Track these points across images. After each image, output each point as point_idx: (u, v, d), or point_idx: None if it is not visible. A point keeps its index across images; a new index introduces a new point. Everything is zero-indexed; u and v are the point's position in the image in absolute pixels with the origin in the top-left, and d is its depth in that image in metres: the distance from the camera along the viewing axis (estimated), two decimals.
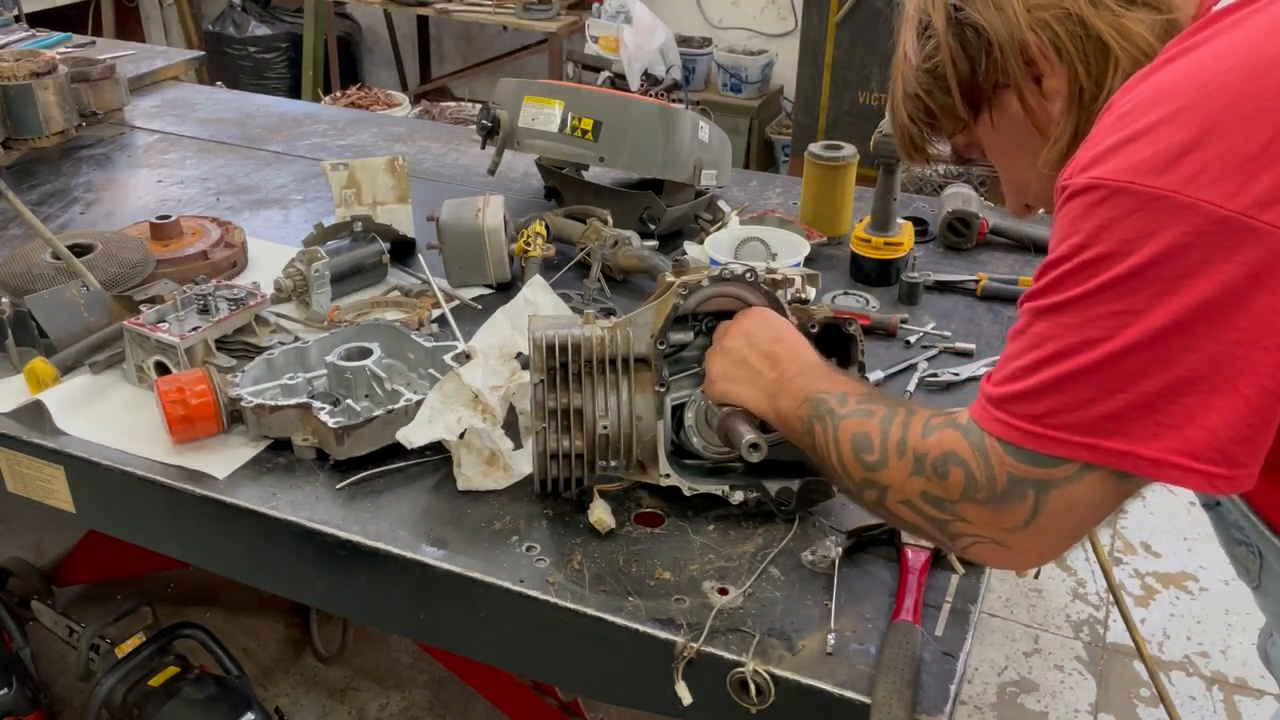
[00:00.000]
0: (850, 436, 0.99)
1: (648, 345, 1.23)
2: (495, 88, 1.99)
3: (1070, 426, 0.82)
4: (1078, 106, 0.95)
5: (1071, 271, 0.82)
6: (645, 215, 1.94)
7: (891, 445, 0.95)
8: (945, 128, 1.06)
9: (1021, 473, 0.85)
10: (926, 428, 0.93)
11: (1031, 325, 0.85)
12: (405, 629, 1.42)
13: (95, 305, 1.60)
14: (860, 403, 1.01)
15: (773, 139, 4.62)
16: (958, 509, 0.90)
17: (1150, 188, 0.77)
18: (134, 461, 1.38)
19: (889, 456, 0.95)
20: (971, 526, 0.90)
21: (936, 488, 0.91)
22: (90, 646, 2.05)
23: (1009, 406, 0.86)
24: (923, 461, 0.92)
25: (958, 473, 0.89)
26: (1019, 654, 2.60)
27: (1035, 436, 0.84)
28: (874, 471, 0.96)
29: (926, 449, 0.92)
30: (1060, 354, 0.82)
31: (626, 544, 1.25)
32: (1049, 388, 0.83)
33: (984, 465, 0.87)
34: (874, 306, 1.75)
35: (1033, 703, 2.47)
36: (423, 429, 1.29)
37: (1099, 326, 0.80)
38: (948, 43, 0.99)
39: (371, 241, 1.82)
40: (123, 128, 2.56)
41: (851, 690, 1.05)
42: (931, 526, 0.93)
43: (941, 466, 0.90)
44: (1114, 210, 0.79)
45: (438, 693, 2.43)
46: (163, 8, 5.75)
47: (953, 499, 0.90)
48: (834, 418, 1.02)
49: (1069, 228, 0.82)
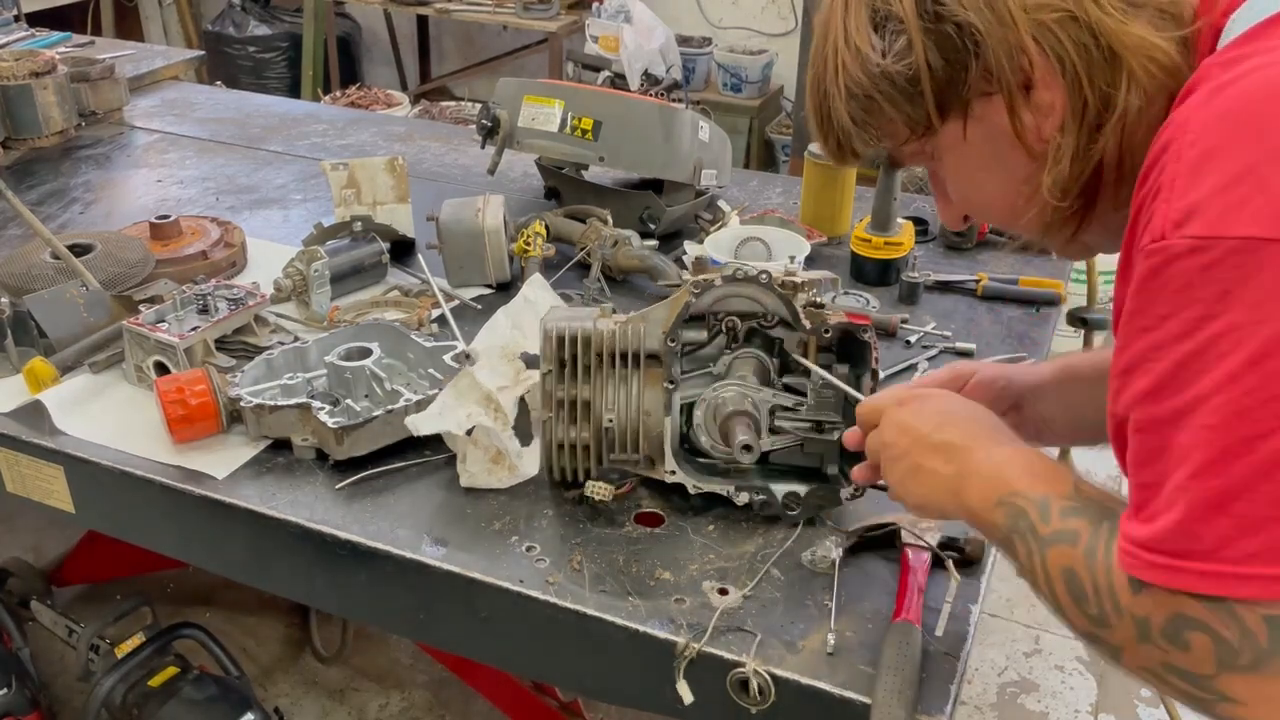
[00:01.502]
0: (1061, 574, 0.82)
1: (659, 341, 1.24)
2: (495, 87, 1.99)
3: (1258, 556, 0.68)
4: (1078, 125, 0.83)
5: (1194, 354, 0.69)
6: (645, 215, 1.94)
7: (1106, 600, 0.77)
8: (896, 134, 0.92)
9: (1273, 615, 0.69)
10: (1134, 583, 0.75)
11: (1160, 436, 0.71)
12: (405, 629, 1.42)
13: (95, 305, 1.60)
14: (1063, 515, 0.84)
15: (773, 139, 4.62)
16: (1217, 684, 0.72)
17: (1274, 240, 0.66)
18: (133, 461, 1.38)
19: (1107, 613, 0.77)
20: (1245, 707, 0.71)
21: (1180, 660, 0.73)
22: (90, 647, 2.05)
23: (1166, 544, 0.71)
24: (1147, 626, 0.74)
25: (1200, 640, 0.71)
26: (1019, 654, 2.60)
27: (1255, 581, 0.68)
28: (1099, 628, 0.79)
29: (1145, 612, 0.74)
30: (1214, 461, 0.68)
31: (626, 544, 1.25)
32: (1214, 507, 0.69)
33: (1230, 621, 0.70)
34: (874, 306, 1.75)
35: (1033, 703, 2.47)
36: (432, 419, 1.29)
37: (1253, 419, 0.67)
38: (922, 41, 0.85)
39: (371, 241, 1.81)
40: (122, 127, 2.56)
41: (852, 690, 1.04)
42: (1190, 703, 0.75)
43: (1174, 635, 0.72)
44: (1234, 271, 0.67)
45: (438, 693, 2.43)
46: (162, 7, 5.75)
47: (1207, 673, 0.72)
48: (1038, 541, 0.84)
49: (1174, 300, 0.70)
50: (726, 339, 1.27)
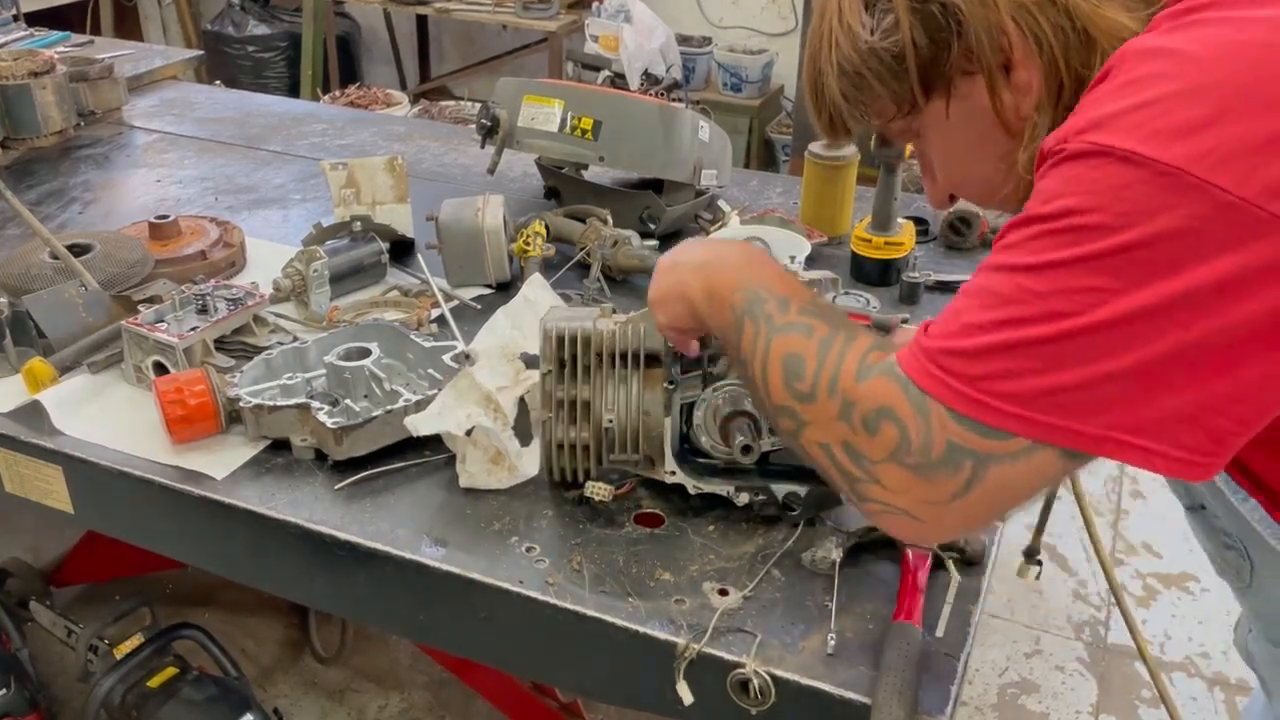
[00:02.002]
0: (783, 356, 0.91)
1: (659, 341, 1.23)
2: (495, 87, 1.99)
3: (1018, 398, 0.77)
4: (1053, 105, 0.88)
5: (1053, 232, 0.76)
6: (645, 215, 1.94)
7: (824, 379, 0.87)
8: (884, 110, 0.96)
9: (965, 442, 0.79)
10: (861, 368, 0.86)
11: (991, 282, 0.80)
12: (405, 629, 1.42)
13: (93, 305, 1.59)
14: (801, 313, 0.94)
15: (773, 139, 4.62)
16: (877, 470, 0.83)
17: (1159, 161, 0.72)
18: (132, 462, 1.38)
19: (819, 392, 0.88)
20: (887, 493, 0.83)
21: (862, 442, 0.84)
22: (89, 647, 2.05)
23: (948, 363, 0.80)
24: (852, 410, 0.85)
25: (890, 431, 0.82)
26: (1020, 655, 2.60)
27: (983, 406, 0.78)
28: (799, 401, 0.89)
29: (859, 397, 0.85)
30: (1020, 319, 0.77)
31: (626, 544, 1.25)
32: (1000, 351, 0.78)
33: (923, 429, 0.81)
34: (875, 306, 1.75)
35: (1034, 704, 2.47)
36: (431, 419, 1.29)
37: (1070, 299, 0.75)
38: (909, 19, 0.89)
39: (370, 241, 1.81)
40: (121, 127, 2.56)
41: (852, 691, 1.04)
42: (841, 479, 0.87)
43: (873, 421, 0.83)
44: (1118, 178, 0.74)
45: (437, 693, 2.43)
46: (161, 7, 5.75)
47: (876, 458, 0.83)
48: (770, 325, 0.94)
49: (1061, 188, 0.76)
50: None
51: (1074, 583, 2.81)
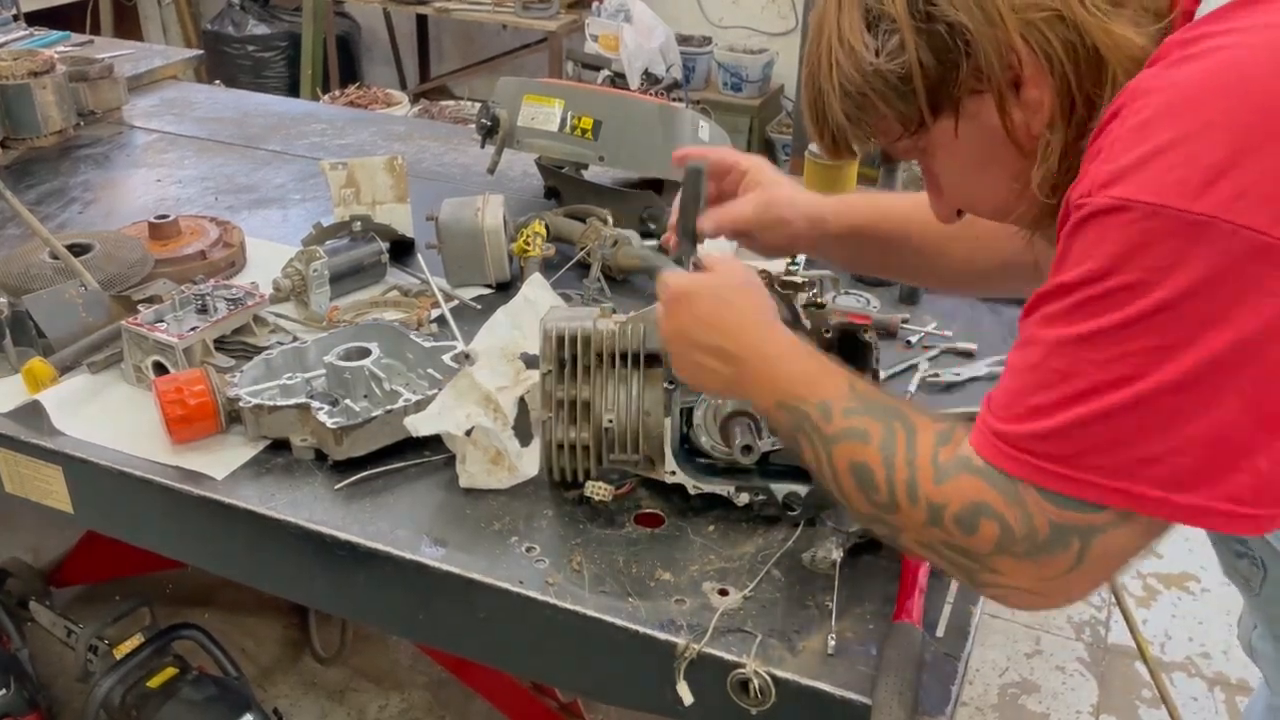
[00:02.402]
0: (850, 468, 0.91)
1: (659, 342, 1.23)
2: (495, 87, 1.98)
3: (1106, 470, 0.77)
4: (1066, 122, 0.86)
5: (1096, 299, 0.76)
6: (645, 215, 1.93)
7: (900, 488, 0.87)
8: (889, 131, 0.94)
9: (1065, 520, 0.80)
10: (937, 470, 0.86)
11: (1049, 358, 0.79)
12: (404, 629, 1.42)
13: (93, 305, 1.59)
14: (847, 415, 0.93)
15: (773, 138, 4.61)
16: (991, 562, 0.83)
17: (1188, 211, 0.71)
18: (132, 462, 1.38)
19: (899, 501, 0.88)
20: (1005, 578, 0.84)
21: (963, 541, 0.84)
22: (88, 647, 2.05)
23: (1034, 446, 0.80)
24: (941, 513, 0.85)
25: (990, 526, 0.82)
26: (1020, 655, 2.60)
27: (1074, 482, 0.78)
28: (884, 512, 0.90)
29: (945, 499, 0.85)
30: (1089, 392, 0.76)
31: (626, 544, 1.24)
32: (1079, 427, 0.77)
33: (1022, 517, 0.81)
34: (875, 306, 1.75)
35: (1034, 704, 2.47)
36: (431, 420, 1.29)
37: (1131, 363, 0.74)
38: (915, 40, 0.87)
39: (370, 241, 1.81)
40: (121, 127, 2.56)
41: (852, 691, 1.04)
42: (956, 570, 0.88)
43: (969, 520, 0.83)
44: (1146, 234, 0.73)
45: (437, 693, 2.43)
46: (161, 7, 5.75)
47: (984, 552, 0.83)
48: (823, 440, 0.94)
49: (1089, 250, 0.76)
50: None
51: None
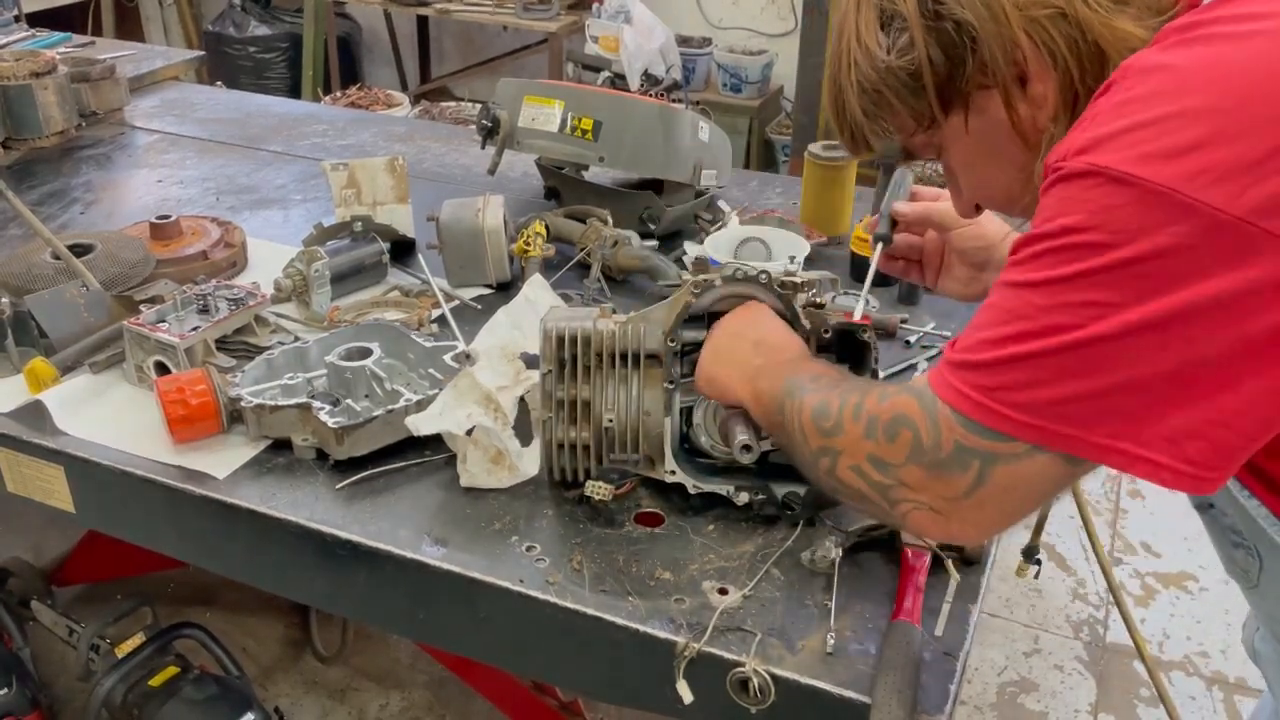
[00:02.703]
0: (812, 406, 0.99)
1: (659, 341, 1.24)
2: (495, 88, 1.99)
3: (1022, 406, 0.81)
4: (1069, 117, 0.90)
5: (1054, 250, 0.80)
6: (645, 215, 1.94)
7: (848, 410, 0.95)
8: (904, 126, 1.00)
9: (969, 443, 0.85)
10: (884, 394, 0.93)
11: (1003, 298, 0.84)
12: (405, 629, 1.42)
13: (95, 305, 1.60)
14: (833, 382, 1.02)
15: (773, 139, 4.62)
16: (901, 473, 0.89)
17: (1152, 182, 0.75)
18: (134, 461, 1.38)
19: (844, 421, 0.95)
20: (912, 492, 0.89)
21: (884, 450, 0.90)
22: (90, 646, 2.05)
23: (964, 375, 0.85)
24: (875, 424, 0.92)
25: (906, 435, 0.89)
26: (1019, 654, 2.61)
27: (985, 409, 0.83)
28: (829, 437, 0.96)
29: (880, 411, 0.92)
30: (1026, 334, 0.81)
31: (626, 544, 1.25)
32: (1007, 363, 0.82)
33: (932, 430, 0.87)
34: (874, 306, 1.75)
35: (1033, 703, 2.48)
36: (432, 420, 1.29)
37: (1071, 313, 0.78)
38: (924, 38, 0.92)
39: (371, 241, 1.82)
40: (123, 128, 2.56)
41: (851, 690, 1.05)
42: (875, 493, 0.93)
43: (891, 428, 0.90)
44: (1111, 199, 0.76)
45: (438, 693, 2.43)
46: (162, 8, 5.75)
47: (897, 462, 0.90)
48: (802, 391, 1.02)
49: (1059, 207, 0.80)
50: None
51: (1073, 582, 2.82)
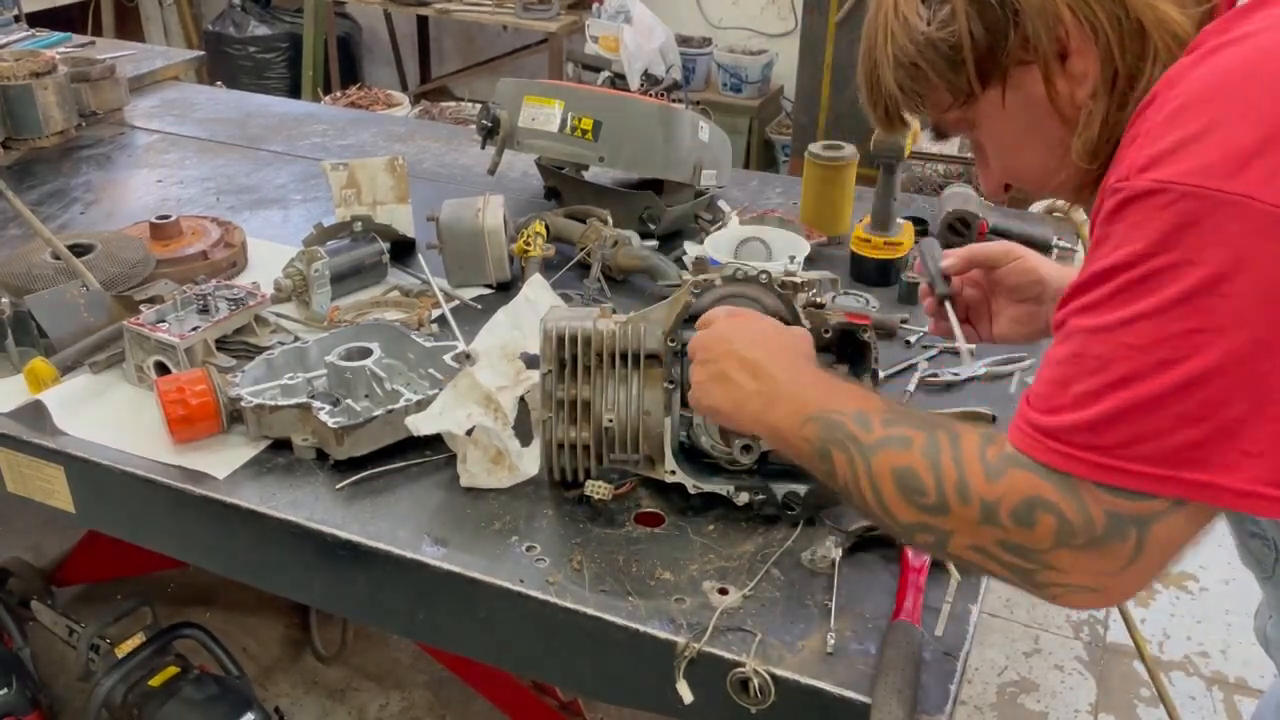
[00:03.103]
0: (893, 474, 0.90)
1: (659, 341, 1.24)
2: (495, 88, 1.99)
3: (1152, 458, 0.77)
4: (1108, 93, 0.88)
5: (1134, 283, 0.76)
6: (645, 215, 1.94)
7: (949, 488, 0.86)
8: (939, 101, 0.97)
9: (1120, 510, 0.79)
10: (987, 468, 0.85)
11: (1086, 345, 0.79)
12: (405, 629, 1.42)
13: (95, 305, 1.60)
14: (886, 425, 0.93)
15: (773, 139, 4.62)
16: (1049, 558, 0.82)
17: (1222, 191, 0.72)
18: (134, 461, 1.38)
19: (948, 501, 0.86)
20: (1065, 575, 0.83)
21: (1020, 536, 0.83)
22: (90, 646, 2.05)
23: (1079, 438, 0.79)
24: (994, 510, 0.84)
25: (1047, 520, 0.81)
26: (1019, 654, 2.60)
27: (1120, 472, 0.78)
28: (932, 515, 0.88)
29: (998, 495, 0.84)
30: (1129, 378, 0.76)
31: (626, 544, 1.25)
32: (1122, 415, 0.77)
33: (1078, 508, 0.80)
34: (874, 306, 1.75)
35: (1033, 703, 2.47)
36: (432, 420, 1.29)
37: (1171, 347, 0.74)
38: (966, 10, 0.90)
39: (371, 241, 1.82)
40: (122, 128, 2.56)
41: (851, 690, 1.05)
42: (1011, 574, 0.86)
43: (1023, 515, 0.82)
44: (1182, 215, 0.74)
45: (438, 693, 2.43)
46: (162, 8, 5.75)
47: (1043, 548, 0.82)
48: (860, 447, 0.93)
49: (1129, 233, 0.76)
50: None
51: None
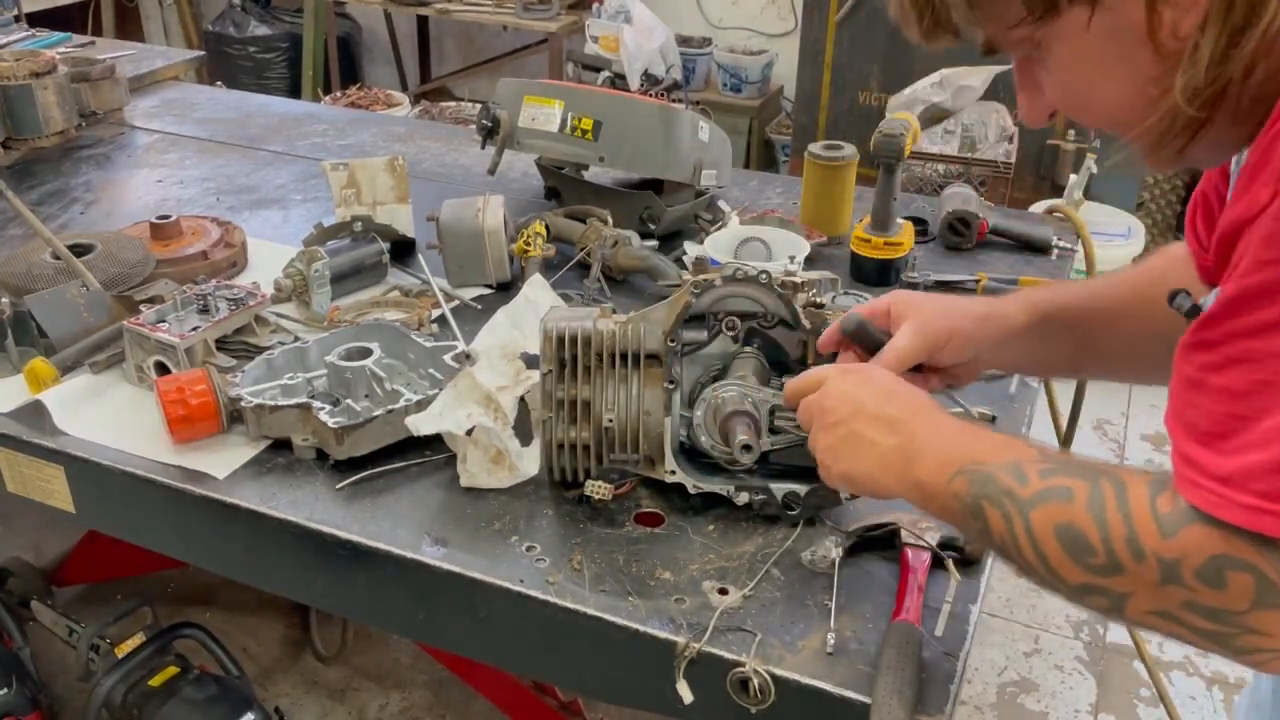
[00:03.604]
0: (1055, 532, 0.81)
1: (659, 341, 1.24)
2: (495, 88, 1.99)
3: None
4: (1221, 24, 0.73)
5: None
6: (645, 215, 1.94)
7: (1118, 545, 0.77)
8: (1008, 13, 0.82)
9: None
10: (1161, 522, 0.76)
11: (1264, 374, 0.70)
12: (405, 629, 1.42)
13: (95, 305, 1.60)
14: (1044, 476, 0.83)
15: (773, 139, 4.62)
16: (1248, 620, 0.73)
17: None
18: (134, 461, 1.38)
19: (1121, 559, 0.77)
20: (1270, 639, 0.74)
21: (1211, 598, 0.74)
22: (90, 646, 2.06)
23: (1263, 486, 0.70)
24: (1176, 569, 0.75)
25: (1243, 579, 0.72)
26: (1019, 654, 2.61)
27: None
28: (1103, 576, 0.79)
29: (1179, 553, 0.75)
30: None
31: (626, 544, 1.25)
32: None
33: (1277, 563, 0.72)
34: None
35: (1033, 703, 2.48)
36: (432, 420, 1.29)
37: None
38: None
39: (371, 241, 1.82)
40: (122, 128, 2.56)
41: (852, 690, 1.05)
42: (1205, 639, 0.77)
43: (1212, 574, 0.74)
44: None
45: (438, 693, 2.43)
46: (162, 7, 5.75)
47: (1240, 609, 0.73)
48: (1017, 502, 0.84)
49: None
50: (728, 339, 1.27)
51: None
